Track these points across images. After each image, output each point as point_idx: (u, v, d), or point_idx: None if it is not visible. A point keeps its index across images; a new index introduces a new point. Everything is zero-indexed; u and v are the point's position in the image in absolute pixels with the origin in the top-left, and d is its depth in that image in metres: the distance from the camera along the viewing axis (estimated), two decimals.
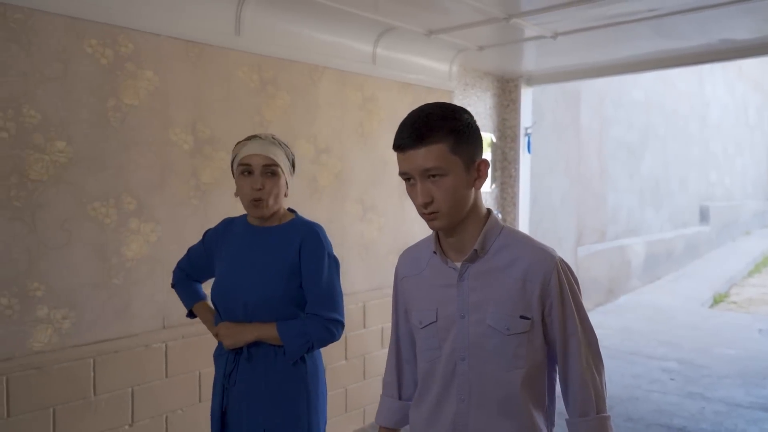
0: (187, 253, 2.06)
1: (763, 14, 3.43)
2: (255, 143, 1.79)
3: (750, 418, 3.91)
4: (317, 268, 1.79)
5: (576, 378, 1.31)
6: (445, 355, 1.34)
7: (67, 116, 2.41)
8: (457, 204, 1.26)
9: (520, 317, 1.28)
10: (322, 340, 1.78)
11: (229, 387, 1.79)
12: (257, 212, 1.80)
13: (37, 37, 2.32)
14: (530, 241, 1.34)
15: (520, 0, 3.19)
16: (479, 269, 1.32)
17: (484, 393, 1.30)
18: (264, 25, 3.11)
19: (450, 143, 1.23)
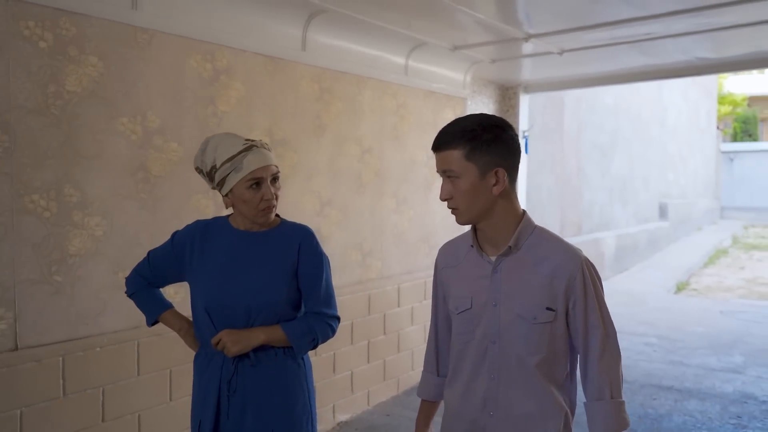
0: (147, 258, 1.93)
1: (727, 40, 4.11)
2: (257, 154, 1.74)
3: (723, 378, 4.62)
4: (317, 270, 1.82)
5: (594, 365, 1.44)
6: (478, 338, 1.48)
7: (178, 122, 2.83)
8: (473, 204, 1.42)
9: (546, 308, 1.42)
10: (326, 335, 1.84)
11: (229, 394, 1.75)
12: (267, 219, 1.78)
13: (154, 51, 2.74)
14: (560, 242, 1.48)
15: (540, 23, 3.76)
16: (512, 263, 1.45)
17: (511, 373, 1.45)
18: (324, 42, 3.58)
19: (465, 151, 1.39)
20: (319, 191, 3.63)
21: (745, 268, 11.18)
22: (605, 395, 1.43)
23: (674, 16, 3.54)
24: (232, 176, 1.72)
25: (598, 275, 1.48)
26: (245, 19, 3.12)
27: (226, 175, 1.72)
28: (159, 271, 1.91)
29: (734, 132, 23.07)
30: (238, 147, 1.74)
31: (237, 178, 1.71)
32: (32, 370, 2.37)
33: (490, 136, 1.40)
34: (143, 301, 1.93)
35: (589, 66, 5.04)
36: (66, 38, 2.45)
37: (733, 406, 4.07)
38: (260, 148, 1.76)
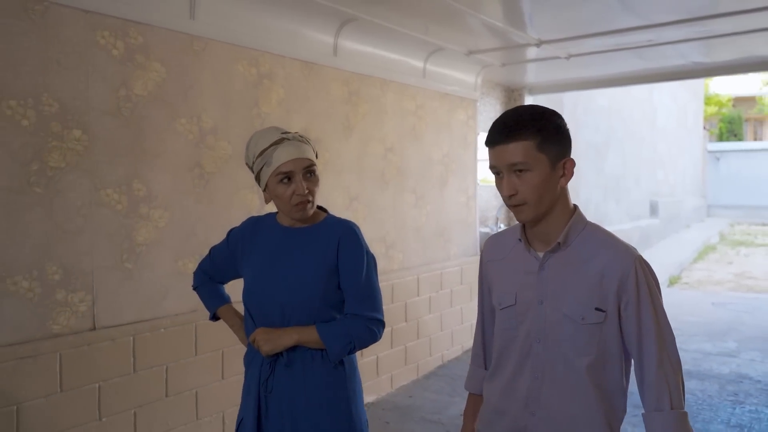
0: (209, 254, 1.97)
1: (720, 46, 4.43)
2: (288, 147, 1.67)
3: (719, 361, 4.94)
4: (356, 266, 1.72)
5: (651, 373, 1.34)
6: (522, 335, 1.42)
7: (227, 122, 3.07)
8: (542, 198, 1.33)
9: (595, 309, 1.34)
10: (364, 340, 1.72)
11: (266, 395, 1.71)
12: (303, 214, 1.71)
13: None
14: (612, 238, 1.40)
15: (550, 30, 4.05)
16: (560, 260, 1.38)
17: (556, 374, 1.38)
18: (352, 48, 3.84)
19: (537, 141, 1.30)
20: (348, 187, 3.89)
21: (733, 263, 11.57)
22: (665, 405, 1.33)
23: (673, 25, 3.85)
24: (265, 171, 1.69)
25: (655, 276, 1.39)
26: (285, 27, 3.38)
27: (259, 169, 1.70)
28: (218, 267, 1.93)
29: (720, 132, 23.63)
30: (270, 141, 1.68)
31: (268, 172, 1.68)
32: (108, 348, 2.61)
33: (556, 124, 1.34)
34: (204, 295, 1.97)
35: (591, 69, 5.35)
36: (134, 46, 2.69)
37: (729, 385, 4.39)
38: (293, 140, 1.69)
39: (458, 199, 5.01)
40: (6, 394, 2.29)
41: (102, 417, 2.59)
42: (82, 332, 2.53)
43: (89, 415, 2.55)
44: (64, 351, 2.46)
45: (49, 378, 2.42)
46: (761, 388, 4.31)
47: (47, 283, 2.42)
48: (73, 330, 2.50)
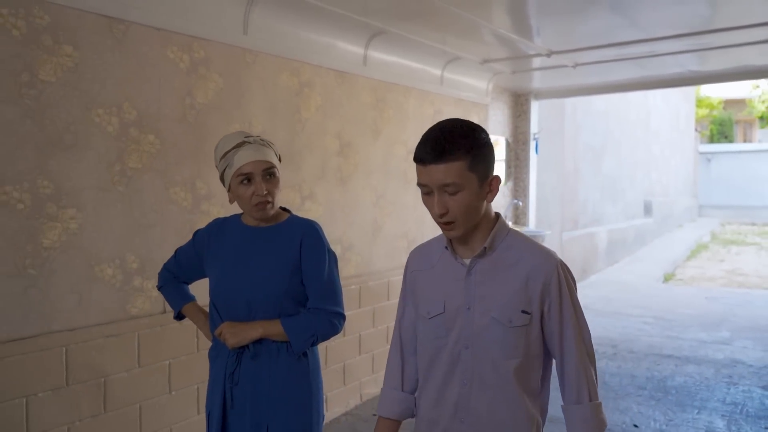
0: (175, 255, 2.04)
1: (716, 56, 4.79)
2: (247, 150, 1.75)
3: (714, 348, 5.32)
4: (318, 263, 1.80)
5: (572, 368, 1.41)
6: (451, 342, 1.43)
7: (273, 128, 3.39)
8: (470, 215, 1.36)
9: (521, 312, 1.38)
10: (326, 333, 1.81)
11: (231, 386, 1.77)
12: (263, 214, 1.78)
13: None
14: (534, 244, 1.46)
15: (560, 42, 4.39)
16: (486, 265, 1.41)
17: (484, 378, 1.41)
18: (380, 58, 4.16)
19: (468, 161, 1.32)
20: (375, 186, 4.21)
21: (724, 260, 12.00)
22: (584, 398, 1.41)
23: (672, 38, 4.21)
24: (227, 172, 1.77)
25: (573, 277, 1.46)
26: (322, 40, 3.70)
27: (223, 170, 1.79)
28: (184, 267, 2.00)
29: (711, 134, 24.16)
30: (232, 144, 1.77)
31: (230, 174, 1.76)
32: (176, 330, 2.91)
33: (484, 142, 1.36)
34: (169, 294, 2.03)
35: (594, 76, 5.70)
36: (198, 60, 3.00)
37: (724, 369, 4.76)
38: (254, 143, 1.76)
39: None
40: (96, 368, 2.60)
41: (172, 390, 2.90)
42: (155, 315, 2.84)
43: (161, 389, 2.86)
44: (141, 331, 2.77)
45: (130, 355, 2.73)
46: (753, 372, 4.68)
47: (127, 270, 2.73)
48: (148, 313, 2.81)
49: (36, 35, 2.38)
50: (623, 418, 3.80)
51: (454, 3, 3.41)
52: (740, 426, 3.69)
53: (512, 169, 6.32)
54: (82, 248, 2.56)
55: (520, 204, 6.24)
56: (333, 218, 3.83)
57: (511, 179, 6.28)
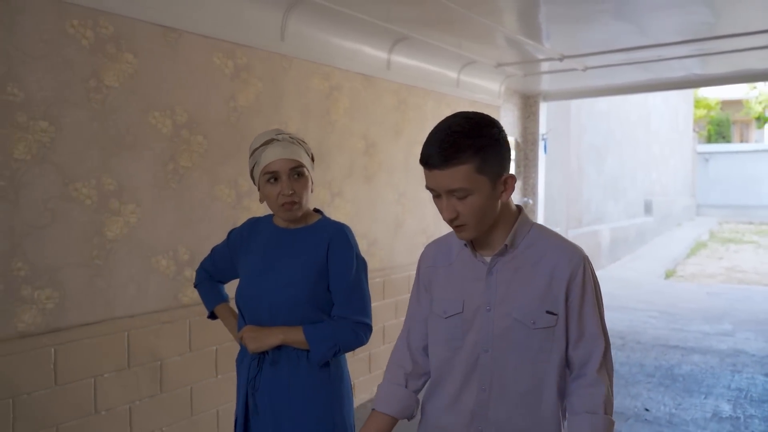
0: (211, 254, 2.01)
1: (719, 61, 5.02)
2: (275, 147, 1.70)
3: (718, 339, 5.56)
4: (345, 268, 1.73)
5: (592, 376, 1.31)
6: (468, 345, 1.34)
7: (305, 128, 3.60)
8: (483, 218, 1.28)
9: (546, 312, 1.29)
10: (349, 344, 1.72)
11: (252, 393, 1.73)
12: (290, 215, 1.73)
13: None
14: (559, 239, 1.37)
15: (572, 46, 4.61)
16: (509, 264, 1.33)
17: (505, 385, 1.31)
18: (402, 62, 4.38)
19: (476, 163, 1.22)
20: (397, 184, 4.43)
21: (723, 258, 12.24)
22: (598, 409, 1.29)
23: (678, 44, 4.43)
24: (255, 170, 1.74)
25: (597, 281, 1.37)
26: (350, 46, 3.91)
27: (252, 168, 1.76)
28: (218, 267, 1.98)
29: (708, 134, 24.45)
30: (261, 141, 1.73)
31: (258, 171, 1.72)
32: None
33: (493, 140, 1.26)
34: (203, 293, 2.01)
35: (600, 79, 5.92)
36: (240, 65, 3.21)
37: (728, 358, 4.99)
38: (282, 141, 1.71)
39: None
40: (153, 352, 2.80)
41: (218, 374, 3.10)
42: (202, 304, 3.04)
43: (209, 372, 3.06)
44: (191, 318, 2.97)
45: (182, 340, 2.93)
46: (756, 360, 4.91)
47: (179, 261, 2.94)
48: (197, 302, 3.00)
49: (102, 44, 2.59)
50: (635, 403, 4.03)
51: (473, 9, 3.63)
52: (745, 409, 3.91)
53: (522, 168, 6.54)
54: (141, 240, 2.77)
55: (530, 202, 6.46)
56: (359, 214, 4.05)
57: (520, 178, 6.50)
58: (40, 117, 2.40)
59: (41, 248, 2.41)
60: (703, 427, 3.65)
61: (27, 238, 2.37)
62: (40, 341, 2.41)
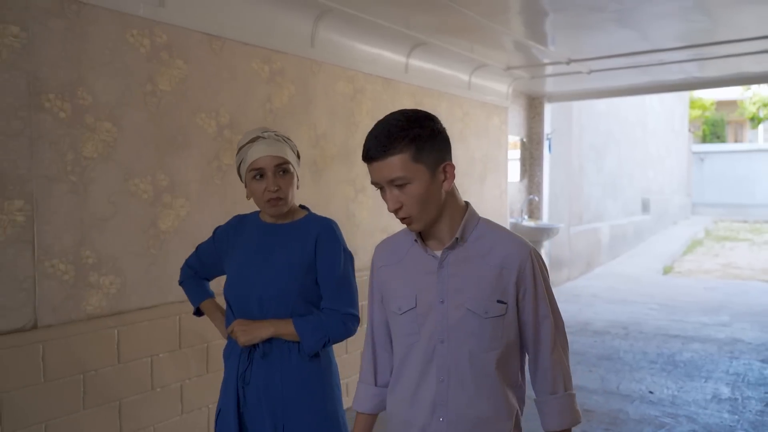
0: (196, 251, 2.05)
1: (718, 64, 5.29)
2: (261, 144, 1.74)
3: (716, 329, 5.83)
4: (333, 262, 1.78)
5: (547, 358, 1.39)
6: (425, 338, 1.38)
7: (333, 130, 3.85)
8: (427, 207, 1.32)
9: (497, 301, 1.34)
10: (338, 335, 1.78)
11: (243, 386, 1.76)
12: (275, 210, 1.77)
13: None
14: (506, 232, 1.42)
15: (579, 51, 4.87)
16: (459, 256, 1.37)
17: (462, 373, 1.36)
18: (418, 66, 4.63)
19: (411, 152, 1.28)
20: None
21: (719, 255, 12.54)
22: (559, 389, 1.39)
23: (678, 49, 4.70)
24: (242, 167, 1.78)
25: (545, 265, 1.44)
26: (372, 51, 4.16)
27: (238, 165, 1.80)
28: (204, 264, 2.01)
29: (704, 134, 24.81)
30: (247, 138, 1.78)
31: (244, 168, 1.77)
32: None
33: (428, 130, 1.32)
34: (188, 290, 2.04)
35: (604, 81, 6.19)
36: (275, 70, 3.45)
37: (726, 346, 5.26)
38: (268, 139, 1.75)
39: (493, 193, 5.83)
40: (201, 335, 3.04)
41: None
42: None
43: None
44: None
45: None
46: (752, 348, 5.19)
47: None
48: None
49: (157, 51, 2.83)
50: (639, 387, 4.29)
51: (486, 16, 3.88)
52: (743, 392, 4.18)
53: (527, 167, 6.80)
54: (189, 232, 3.00)
55: (536, 199, 6.72)
56: (380, 209, 4.29)
57: (526, 176, 6.76)
58: (105, 118, 2.63)
59: (106, 238, 2.65)
60: (704, 407, 3.91)
61: (94, 229, 2.61)
62: (105, 323, 2.64)
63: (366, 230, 4.20)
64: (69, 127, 2.50)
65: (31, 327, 2.41)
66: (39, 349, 2.42)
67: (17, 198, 2.35)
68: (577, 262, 9.02)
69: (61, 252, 2.50)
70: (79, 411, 2.55)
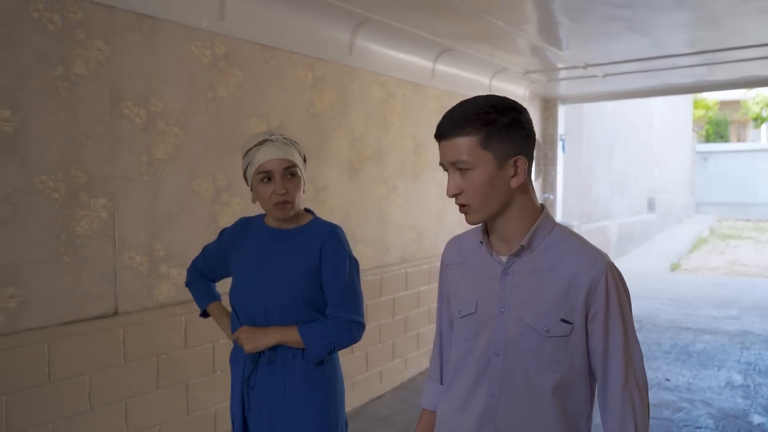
0: (203, 253, 2.03)
1: (725, 68, 5.53)
2: (269, 147, 1.73)
3: (726, 323, 6.08)
4: (339, 269, 1.76)
5: (616, 393, 1.25)
6: (480, 348, 1.30)
7: (368, 132, 4.09)
8: (488, 199, 1.23)
9: (561, 320, 1.23)
10: (344, 342, 1.76)
11: (248, 391, 1.77)
12: (282, 214, 1.75)
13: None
14: (582, 243, 1.29)
15: (594, 56, 5.11)
16: (525, 266, 1.27)
17: (515, 392, 1.27)
18: (444, 71, 4.87)
19: (481, 137, 1.19)
20: (440, 181, 4.91)
21: (724, 253, 12.77)
22: (628, 428, 1.24)
23: (689, 55, 4.94)
24: (249, 170, 1.77)
25: (626, 287, 1.30)
26: (403, 57, 4.40)
27: (245, 168, 1.78)
28: (210, 266, 2.00)
29: (707, 134, 25.04)
30: (254, 141, 1.77)
31: (251, 172, 1.75)
32: None
33: (507, 119, 1.21)
34: (195, 292, 2.03)
35: (615, 84, 6.42)
36: (317, 76, 3.69)
37: (737, 337, 5.50)
38: (276, 142, 1.74)
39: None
40: None
41: None
42: None
43: None
44: None
45: None
46: (762, 339, 5.43)
47: None
48: None
49: (216, 61, 3.07)
50: (656, 375, 4.52)
51: (509, 24, 4.11)
52: (754, 379, 4.41)
53: (542, 166, 7.04)
54: None
55: (552, 197, 6.96)
56: (410, 207, 4.54)
57: (540, 176, 7.00)
58: (174, 123, 2.88)
59: (174, 233, 2.89)
60: (719, 393, 4.15)
61: (164, 224, 2.85)
62: (174, 311, 2.88)
63: (397, 227, 4.44)
64: (144, 131, 2.75)
65: (113, 313, 2.65)
66: (120, 334, 2.66)
67: (101, 196, 2.60)
68: None
69: (137, 245, 2.74)
70: (153, 391, 2.79)
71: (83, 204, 2.53)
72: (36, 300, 2.39)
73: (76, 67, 2.48)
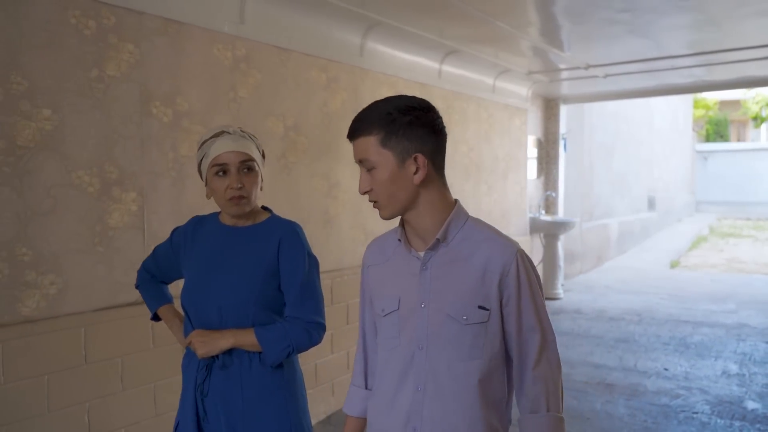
0: (153, 253, 1.95)
1: (725, 69, 5.69)
2: (225, 139, 1.66)
3: (724, 316, 6.24)
4: (297, 268, 1.68)
5: (529, 373, 1.29)
6: (404, 343, 1.33)
7: None
8: (393, 196, 1.28)
9: (478, 307, 1.27)
10: (303, 344, 1.68)
11: (202, 399, 1.68)
12: (237, 210, 1.66)
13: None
14: (493, 233, 1.33)
15: (596, 57, 5.27)
16: (442, 258, 1.31)
17: (440, 384, 1.29)
18: (450, 72, 5.03)
19: (381, 136, 1.25)
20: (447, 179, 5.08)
21: (723, 251, 12.92)
22: (540, 408, 1.28)
23: (689, 56, 5.10)
24: (204, 163, 1.69)
25: (536, 271, 1.34)
26: (410, 58, 4.57)
27: (200, 161, 1.70)
28: (161, 267, 1.91)
29: (707, 133, 25.18)
30: (211, 133, 1.70)
31: (206, 164, 1.68)
32: None
33: (407, 119, 1.28)
34: (146, 294, 1.94)
35: (616, 85, 6.59)
36: (331, 77, 3.86)
37: (734, 330, 5.66)
38: (233, 134, 1.68)
39: (514, 189, 6.23)
40: None
41: None
42: None
43: None
44: None
45: None
46: (758, 332, 5.59)
47: None
48: None
49: (237, 63, 3.23)
50: (655, 365, 4.68)
51: (514, 27, 4.28)
52: (750, 368, 4.58)
53: (544, 165, 7.20)
54: None
55: (554, 195, 7.13)
56: None
57: (543, 174, 7.16)
58: (197, 122, 3.04)
59: None
60: (715, 381, 4.31)
61: (189, 217, 2.99)
62: None
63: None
64: (170, 129, 2.91)
65: (142, 302, 2.81)
66: (149, 321, 2.82)
67: (131, 190, 2.76)
68: (589, 256, 9.42)
69: (164, 237, 2.89)
70: (179, 375, 2.95)
71: (115, 198, 2.70)
72: (73, 287, 2.55)
73: (109, 69, 2.65)
